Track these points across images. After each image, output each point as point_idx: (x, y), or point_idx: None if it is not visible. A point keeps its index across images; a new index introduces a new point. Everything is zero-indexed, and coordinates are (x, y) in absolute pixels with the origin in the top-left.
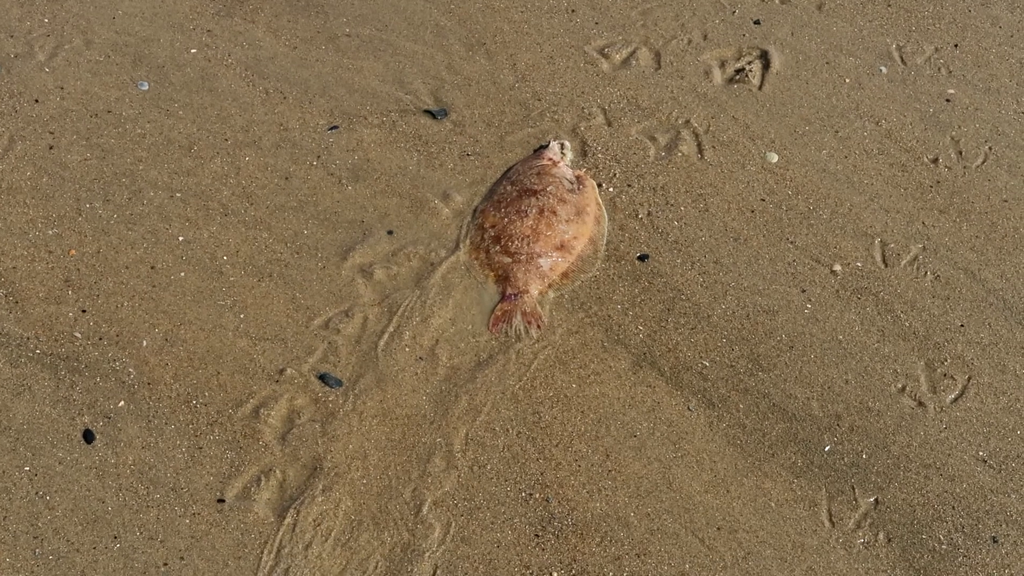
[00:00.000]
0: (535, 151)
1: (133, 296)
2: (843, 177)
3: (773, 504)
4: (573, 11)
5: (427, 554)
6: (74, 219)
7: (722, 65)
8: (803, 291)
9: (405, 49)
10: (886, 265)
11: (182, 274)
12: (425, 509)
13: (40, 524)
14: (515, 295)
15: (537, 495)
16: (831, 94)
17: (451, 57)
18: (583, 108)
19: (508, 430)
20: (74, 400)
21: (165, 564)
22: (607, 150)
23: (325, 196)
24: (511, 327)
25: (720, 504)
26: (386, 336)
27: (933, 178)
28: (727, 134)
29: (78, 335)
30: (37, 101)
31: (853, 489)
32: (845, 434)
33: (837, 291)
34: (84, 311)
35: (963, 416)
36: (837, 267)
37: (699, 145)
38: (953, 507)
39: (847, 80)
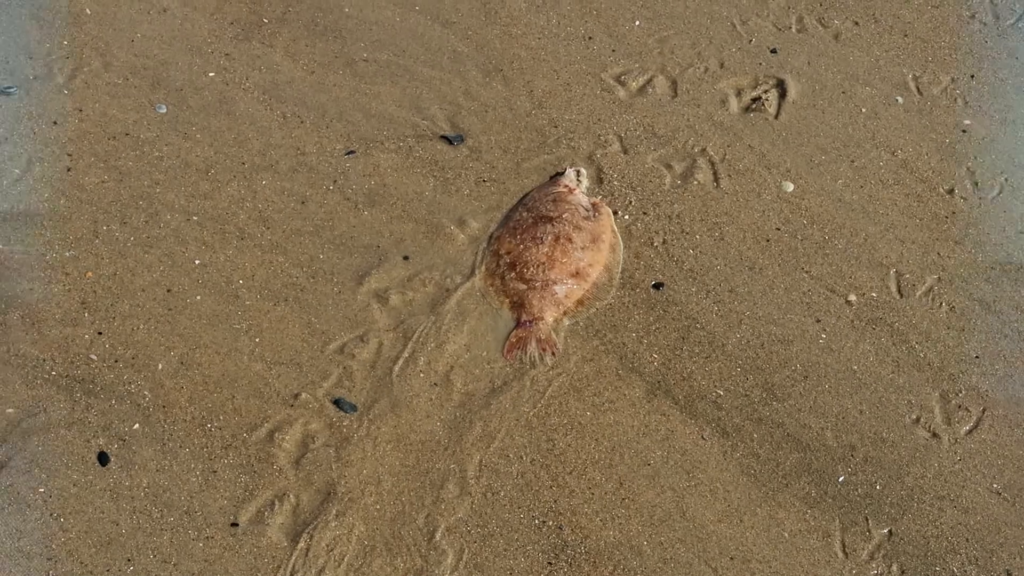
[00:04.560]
0: (551, 178)
1: (149, 319)
2: (859, 207)
3: (786, 534)
4: (590, 39)
5: None
6: (91, 241)
7: (738, 94)
8: (818, 321)
9: (422, 75)
10: (901, 296)
11: (198, 297)
12: (438, 535)
13: (54, 546)
14: (530, 322)
15: (550, 523)
16: (847, 124)
17: (468, 83)
18: (599, 135)
19: (522, 457)
20: (89, 422)
21: None
22: (623, 178)
23: (341, 221)
24: (526, 354)
25: (733, 534)
26: (401, 362)
27: (949, 209)
28: (743, 163)
29: (94, 357)
30: (55, 123)
31: (867, 520)
32: (859, 465)
33: (852, 321)
34: (100, 333)
35: (978, 448)
36: (852, 297)
37: (715, 174)
38: (967, 539)
39: (863, 110)
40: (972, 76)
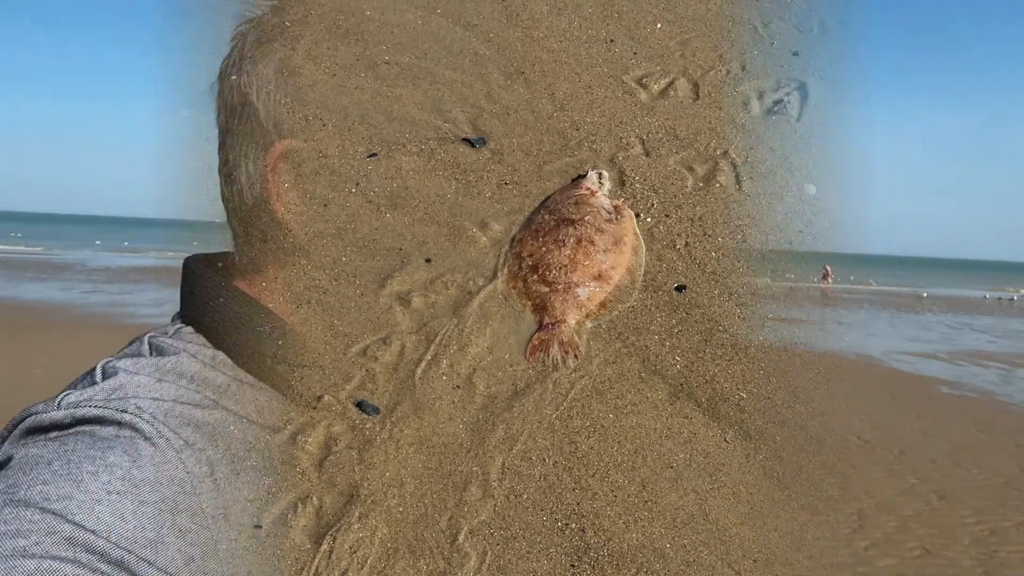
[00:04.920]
0: (573, 180)
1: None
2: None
3: (809, 537)
4: (612, 41)
5: None
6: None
7: (760, 96)
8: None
9: (444, 77)
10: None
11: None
12: (461, 538)
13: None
14: (552, 325)
15: (573, 525)
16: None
17: (490, 86)
18: (621, 138)
19: (544, 459)
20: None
21: None
22: (645, 180)
23: (364, 223)
24: (548, 356)
25: (756, 536)
26: (423, 364)
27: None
28: (765, 165)
29: None
30: None
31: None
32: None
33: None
34: None
35: None
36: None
37: (737, 176)
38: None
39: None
40: None
